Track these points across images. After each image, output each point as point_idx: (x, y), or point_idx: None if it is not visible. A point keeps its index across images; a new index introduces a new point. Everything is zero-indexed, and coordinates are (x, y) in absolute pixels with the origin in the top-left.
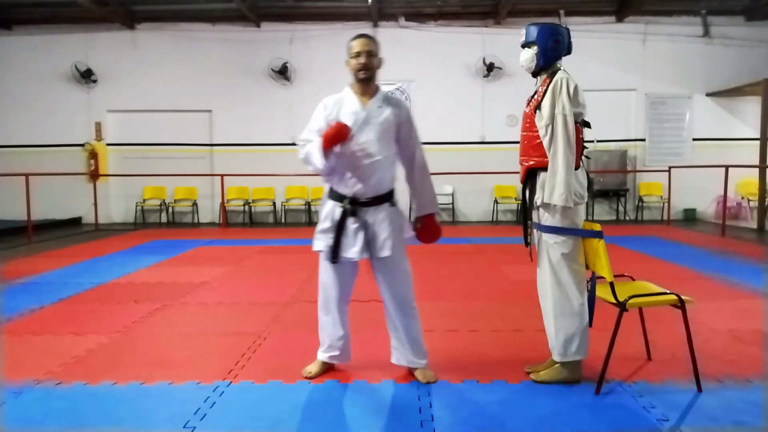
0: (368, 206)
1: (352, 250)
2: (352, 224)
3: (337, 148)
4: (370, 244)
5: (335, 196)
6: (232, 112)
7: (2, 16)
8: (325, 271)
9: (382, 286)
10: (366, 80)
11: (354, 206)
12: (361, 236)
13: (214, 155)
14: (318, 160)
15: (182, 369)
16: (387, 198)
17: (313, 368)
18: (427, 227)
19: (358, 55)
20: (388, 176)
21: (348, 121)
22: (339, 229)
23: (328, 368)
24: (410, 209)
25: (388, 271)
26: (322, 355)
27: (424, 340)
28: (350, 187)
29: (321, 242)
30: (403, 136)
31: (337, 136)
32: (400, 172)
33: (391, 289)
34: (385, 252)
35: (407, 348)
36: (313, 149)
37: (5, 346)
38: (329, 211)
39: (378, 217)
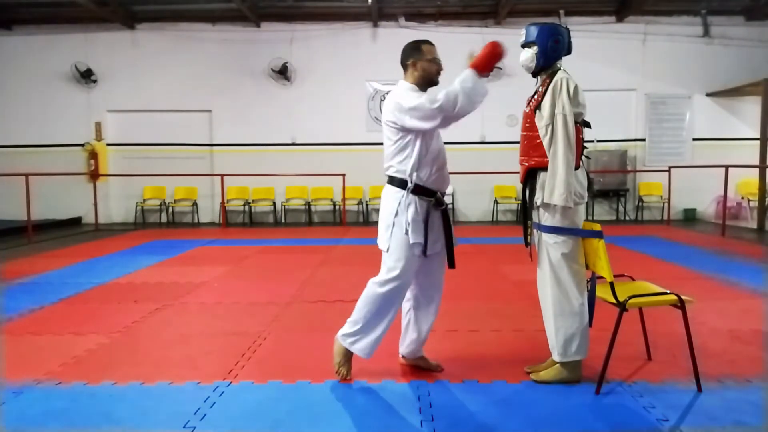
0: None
1: (438, 243)
2: (436, 219)
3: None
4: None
5: (424, 192)
6: (232, 112)
7: (2, 16)
8: (411, 267)
9: (433, 278)
10: (435, 83)
11: (440, 199)
12: (442, 229)
13: (214, 155)
14: (482, 87)
15: (182, 369)
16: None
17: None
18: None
19: (434, 60)
20: None
21: None
22: (426, 224)
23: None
24: None
25: (442, 263)
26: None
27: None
28: (439, 183)
29: (415, 235)
30: None
31: (495, 55)
32: None
33: (440, 279)
34: (456, 242)
35: (422, 341)
36: (467, 83)
37: (5, 346)
38: (418, 207)
39: (444, 212)
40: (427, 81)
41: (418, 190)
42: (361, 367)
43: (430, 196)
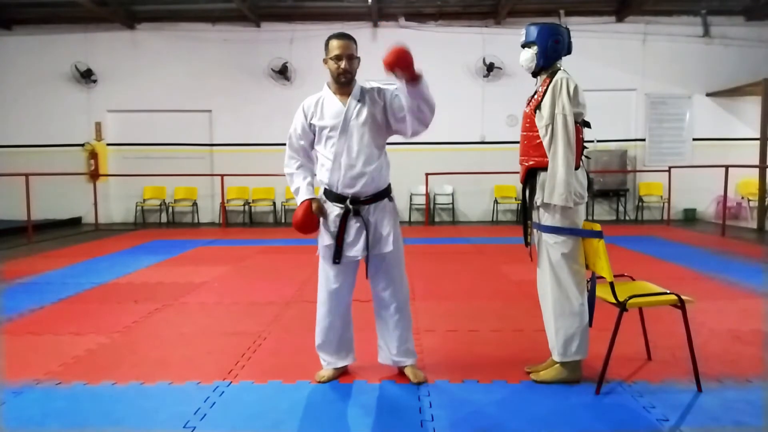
0: (369, 203)
1: (354, 248)
2: (354, 223)
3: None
4: (371, 241)
5: (334, 197)
6: (232, 112)
7: (2, 16)
8: (329, 275)
9: (381, 283)
10: (346, 83)
11: (356, 206)
12: (363, 234)
13: (214, 155)
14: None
15: (182, 369)
16: (386, 193)
17: (326, 373)
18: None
19: (338, 58)
20: (384, 170)
21: (331, 122)
22: (341, 229)
23: (341, 372)
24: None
25: (388, 267)
26: (334, 364)
27: (414, 340)
28: (349, 187)
29: (325, 247)
30: (395, 111)
31: (305, 229)
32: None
33: (390, 285)
34: (388, 247)
35: (395, 347)
36: (294, 186)
37: (5, 346)
38: (329, 213)
39: (378, 214)
40: (334, 81)
41: (330, 195)
42: (361, 367)
43: (340, 201)
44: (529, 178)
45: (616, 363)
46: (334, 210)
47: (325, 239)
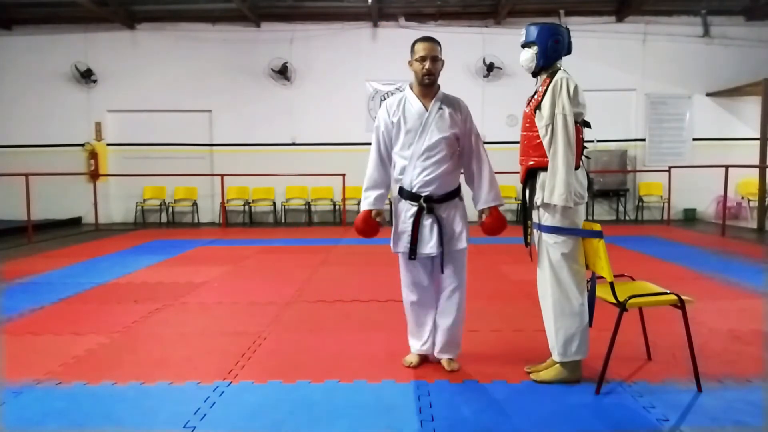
0: (441, 203)
1: (429, 245)
2: (427, 221)
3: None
4: (444, 239)
5: (409, 195)
6: (232, 112)
7: (2, 16)
8: (408, 268)
9: (449, 279)
10: (430, 84)
11: (429, 204)
12: (436, 231)
13: (214, 155)
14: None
15: (182, 369)
16: (456, 193)
17: (412, 359)
18: (493, 219)
19: (423, 59)
20: (456, 173)
21: (411, 122)
22: (415, 227)
23: (424, 358)
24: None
25: (458, 263)
26: (423, 349)
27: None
28: (423, 186)
29: (401, 243)
30: (462, 134)
31: (364, 234)
32: None
33: (458, 280)
34: (463, 244)
35: (448, 340)
36: (366, 188)
37: (5, 346)
38: (404, 210)
39: (450, 212)
40: (418, 82)
41: (405, 194)
42: (361, 367)
43: (415, 200)
44: (529, 178)
45: (616, 363)
46: (407, 208)
47: (401, 237)
